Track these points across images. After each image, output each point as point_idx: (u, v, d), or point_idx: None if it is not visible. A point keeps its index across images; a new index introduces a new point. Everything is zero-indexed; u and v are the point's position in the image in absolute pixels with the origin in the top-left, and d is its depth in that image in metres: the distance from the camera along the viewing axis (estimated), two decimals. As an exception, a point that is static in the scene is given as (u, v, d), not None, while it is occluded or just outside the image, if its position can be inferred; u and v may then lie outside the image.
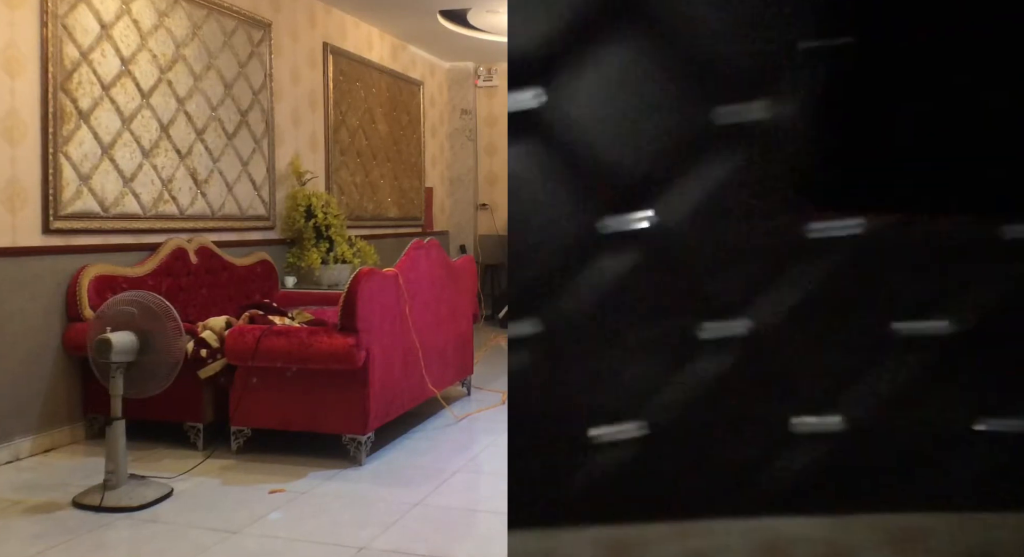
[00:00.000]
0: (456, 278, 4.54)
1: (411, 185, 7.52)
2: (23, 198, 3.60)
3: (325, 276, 5.43)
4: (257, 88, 5.19)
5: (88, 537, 2.71)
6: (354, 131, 6.47)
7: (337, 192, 6.16)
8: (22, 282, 3.60)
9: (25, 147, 3.61)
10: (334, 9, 6.17)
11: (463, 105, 8.41)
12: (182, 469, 3.36)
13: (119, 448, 3.00)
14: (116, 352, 2.95)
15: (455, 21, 6.80)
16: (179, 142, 4.50)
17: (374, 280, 3.52)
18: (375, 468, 3.46)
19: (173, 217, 4.46)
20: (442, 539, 2.74)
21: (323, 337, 3.41)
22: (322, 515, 2.91)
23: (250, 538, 2.70)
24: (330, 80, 6.09)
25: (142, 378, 3.06)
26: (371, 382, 3.46)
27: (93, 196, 3.94)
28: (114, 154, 4.06)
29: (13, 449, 3.55)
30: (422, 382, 3.97)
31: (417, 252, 4.03)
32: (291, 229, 5.50)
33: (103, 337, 2.95)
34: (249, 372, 3.55)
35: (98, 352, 2.96)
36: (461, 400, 4.68)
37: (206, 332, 3.70)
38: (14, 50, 3.55)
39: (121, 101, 4.10)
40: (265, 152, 5.28)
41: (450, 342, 4.41)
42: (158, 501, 3.00)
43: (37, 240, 3.68)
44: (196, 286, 4.46)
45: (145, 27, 4.25)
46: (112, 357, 2.95)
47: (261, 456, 3.57)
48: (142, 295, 3.10)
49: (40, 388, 3.68)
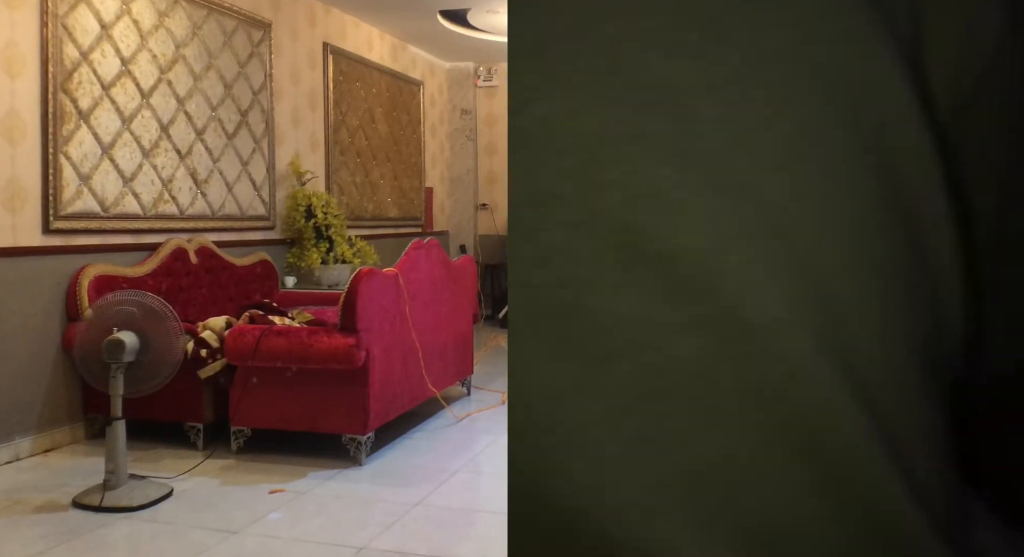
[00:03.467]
0: (456, 278, 4.54)
1: (411, 185, 7.52)
2: (23, 198, 3.60)
3: (325, 276, 5.43)
4: (257, 88, 5.19)
5: (88, 537, 2.71)
6: (354, 131, 6.47)
7: (337, 192, 6.16)
8: (22, 282, 3.60)
9: (25, 147, 3.61)
10: (334, 9, 6.17)
11: (463, 105, 8.41)
12: (182, 469, 3.36)
13: (119, 448, 3.00)
14: (128, 352, 2.97)
15: (455, 21, 6.80)
16: (179, 142, 4.50)
17: (374, 280, 3.52)
18: (375, 468, 3.46)
19: (173, 217, 4.46)
20: (442, 539, 2.74)
21: (323, 337, 3.41)
22: (322, 515, 2.91)
23: (250, 538, 2.70)
24: (330, 80, 6.09)
25: (143, 378, 3.07)
26: (371, 382, 3.46)
27: (93, 196, 3.94)
28: (114, 154, 4.06)
29: (13, 449, 3.55)
30: (422, 382, 3.97)
31: (417, 252, 4.03)
32: (291, 229, 5.51)
33: (115, 338, 2.96)
34: (249, 372, 3.55)
35: (109, 353, 2.96)
36: (461, 400, 4.68)
37: (206, 332, 3.70)
38: (14, 50, 3.55)
39: (121, 101, 4.10)
40: (265, 152, 5.28)
41: (450, 342, 4.41)
42: (158, 501, 3.00)
43: (37, 240, 3.68)
44: (196, 286, 4.46)
45: (145, 27, 4.26)
46: (124, 358, 2.97)
47: (261, 456, 3.57)
48: (137, 294, 3.10)
49: (40, 388, 3.68)
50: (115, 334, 2.96)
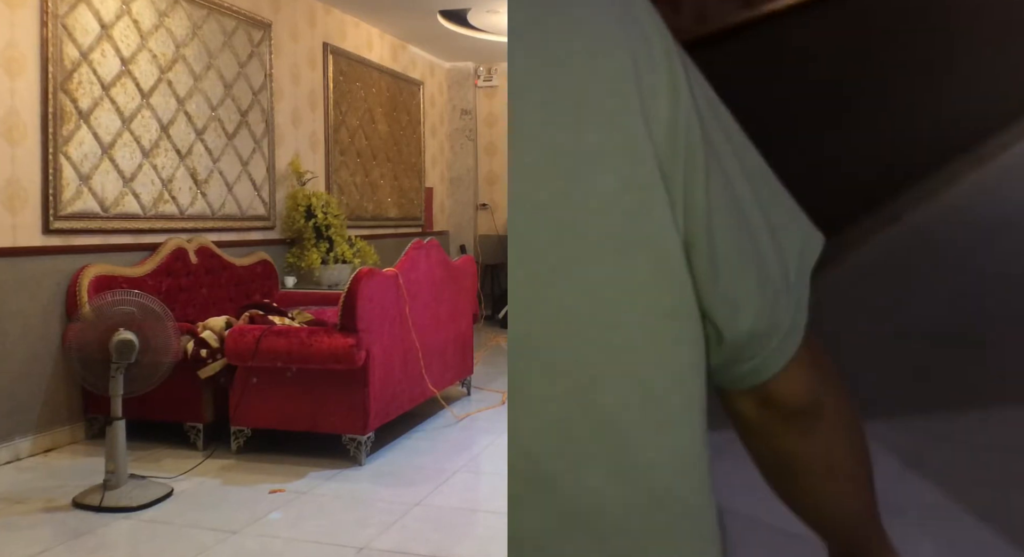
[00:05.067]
0: (456, 278, 4.54)
1: (411, 185, 7.52)
2: (23, 198, 3.60)
3: (325, 276, 5.43)
4: (257, 88, 5.19)
5: (88, 537, 2.71)
6: (354, 131, 6.47)
7: (337, 192, 6.16)
8: (22, 282, 3.60)
9: (25, 147, 3.61)
10: (334, 9, 6.17)
11: (463, 105, 8.41)
12: (182, 469, 3.36)
13: (119, 448, 3.00)
14: (137, 352, 2.98)
15: (455, 21, 6.79)
16: (179, 142, 4.50)
17: (374, 280, 3.52)
18: (375, 468, 3.46)
19: (173, 217, 4.46)
20: (442, 539, 2.74)
21: (323, 337, 3.41)
22: (322, 515, 2.91)
23: (250, 538, 2.70)
24: (330, 80, 6.09)
25: (141, 378, 3.07)
26: (371, 382, 3.46)
27: (93, 196, 3.94)
28: (114, 154, 4.05)
29: (13, 449, 3.55)
30: (422, 382, 3.97)
31: (417, 252, 4.03)
32: (291, 229, 5.50)
33: (125, 337, 2.96)
34: (249, 372, 3.55)
35: (119, 353, 2.96)
36: (461, 400, 4.68)
37: (206, 332, 3.70)
38: (14, 50, 3.55)
39: (121, 101, 4.10)
40: (265, 152, 5.28)
41: (450, 342, 4.41)
42: (158, 501, 3.00)
43: (37, 240, 3.68)
44: (196, 286, 4.46)
45: (145, 27, 4.25)
46: (133, 357, 2.97)
47: (261, 456, 3.57)
48: (134, 294, 3.11)
49: (40, 388, 3.68)
50: (122, 334, 2.97)
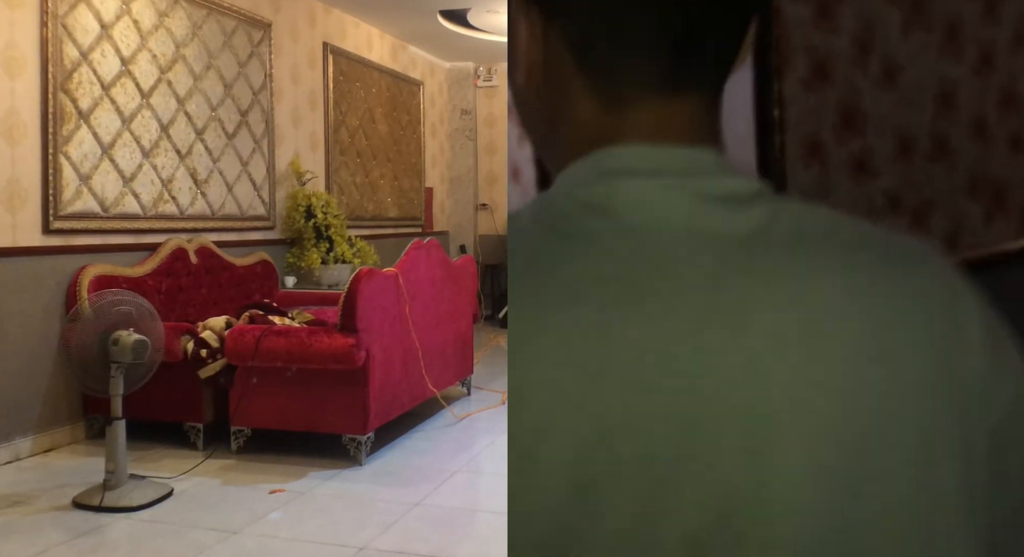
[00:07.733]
0: (456, 278, 4.54)
1: (411, 185, 7.52)
2: (23, 198, 3.60)
3: (325, 276, 5.43)
4: (257, 88, 5.19)
5: (88, 537, 2.71)
6: (354, 131, 6.47)
7: (337, 192, 6.16)
8: (22, 282, 3.60)
9: (25, 147, 3.61)
10: (334, 9, 6.17)
11: (463, 105, 8.41)
12: (182, 469, 3.36)
13: (119, 448, 3.00)
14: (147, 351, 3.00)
15: (455, 21, 6.79)
16: (179, 142, 4.50)
17: (374, 280, 3.52)
18: (375, 468, 3.46)
19: (173, 217, 4.46)
20: (442, 539, 2.74)
21: (323, 337, 3.41)
22: (322, 515, 2.91)
23: (250, 538, 2.70)
24: (330, 80, 6.09)
25: (139, 377, 3.08)
26: (371, 382, 3.46)
27: (93, 196, 3.94)
28: (114, 154, 4.05)
29: (13, 449, 3.55)
30: (422, 382, 3.97)
31: (417, 252, 4.03)
32: (291, 229, 5.50)
33: (139, 338, 2.97)
34: (249, 372, 3.55)
35: (136, 354, 2.97)
36: (461, 400, 4.68)
37: (206, 332, 3.70)
38: (14, 50, 3.55)
39: (121, 101, 4.10)
40: (265, 152, 5.28)
41: (450, 342, 4.41)
42: (158, 501, 3.00)
43: (37, 240, 3.68)
44: (196, 286, 4.46)
45: (145, 27, 4.25)
46: (144, 356, 2.98)
47: (261, 456, 3.57)
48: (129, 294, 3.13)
49: (40, 388, 3.68)
50: (132, 335, 2.98)
